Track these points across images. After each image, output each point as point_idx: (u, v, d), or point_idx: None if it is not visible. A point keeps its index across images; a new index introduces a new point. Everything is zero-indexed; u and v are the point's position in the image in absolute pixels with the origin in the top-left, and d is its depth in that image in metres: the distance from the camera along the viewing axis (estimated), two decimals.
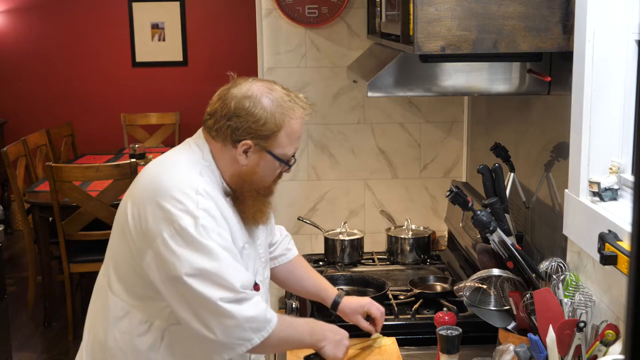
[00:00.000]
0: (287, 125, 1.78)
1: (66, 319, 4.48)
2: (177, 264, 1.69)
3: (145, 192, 1.75)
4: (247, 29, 6.19)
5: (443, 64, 2.12)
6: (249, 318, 1.72)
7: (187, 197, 1.70)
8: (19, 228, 6.13)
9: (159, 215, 1.70)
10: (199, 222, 1.68)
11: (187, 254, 1.68)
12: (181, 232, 1.68)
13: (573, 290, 1.86)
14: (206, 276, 1.69)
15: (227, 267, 1.70)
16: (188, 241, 1.68)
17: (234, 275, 1.70)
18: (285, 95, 1.80)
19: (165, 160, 1.84)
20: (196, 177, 1.76)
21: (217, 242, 1.70)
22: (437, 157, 3.32)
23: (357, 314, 2.14)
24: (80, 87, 6.65)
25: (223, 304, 1.69)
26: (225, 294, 1.69)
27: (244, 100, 1.76)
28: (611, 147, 1.86)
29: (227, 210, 1.79)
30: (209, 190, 1.75)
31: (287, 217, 3.30)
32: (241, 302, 1.71)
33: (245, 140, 1.76)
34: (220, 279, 1.69)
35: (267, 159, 1.80)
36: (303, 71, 3.23)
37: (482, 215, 1.97)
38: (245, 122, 1.75)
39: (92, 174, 4.25)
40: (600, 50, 1.82)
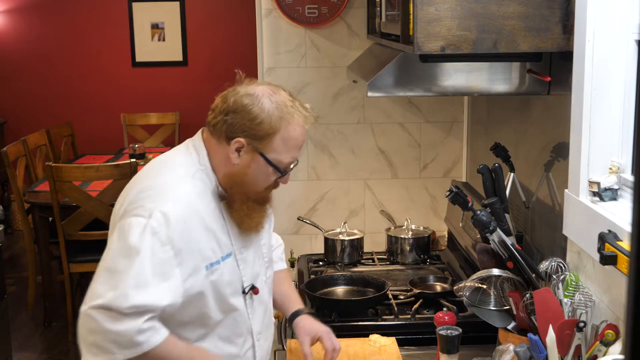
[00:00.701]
0: (284, 129, 1.73)
1: (66, 319, 4.48)
2: (108, 254, 1.67)
3: (132, 188, 1.76)
4: (247, 29, 6.19)
5: (443, 64, 2.12)
6: (113, 331, 1.62)
7: (158, 199, 1.67)
8: (19, 228, 6.13)
9: (128, 207, 1.70)
10: (149, 222, 1.64)
11: (118, 247, 1.65)
12: (127, 226, 1.66)
13: (573, 290, 1.86)
14: (114, 274, 1.63)
15: (135, 278, 1.61)
16: (125, 236, 1.64)
17: (133, 292, 1.61)
18: (289, 101, 1.76)
19: (161, 162, 1.83)
20: (183, 183, 1.72)
21: (153, 248, 1.63)
22: (437, 157, 3.32)
23: (306, 335, 1.98)
24: (80, 87, 6.64)
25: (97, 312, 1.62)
26: (111, 301, 1.60)
27: (245, 97, 1.73)
28: (611, 147, 1.86)
29: (213, 218, 1.75)
30: (187, 197, 1.70)
31: (287, 217, 3.30)
32: (118, 315, 1.61)
33: (238, 138, 1.72)
34: (120, 284, 1.61)
35: (259, 162, 1.75)
36: (303, 71, 3.23)
37: (482, 215, 1.97)
38: (242, 119, 1.72)
39: (92, 174, 4.25)
40: (600, 50, 1.82)
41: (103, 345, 1.64)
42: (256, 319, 1.89)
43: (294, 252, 3.17)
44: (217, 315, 1.78)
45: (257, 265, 1.90)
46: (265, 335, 1.94)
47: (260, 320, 1.91)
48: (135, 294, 1.62)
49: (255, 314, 1.88)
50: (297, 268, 2.94)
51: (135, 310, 1.62)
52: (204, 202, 1.74)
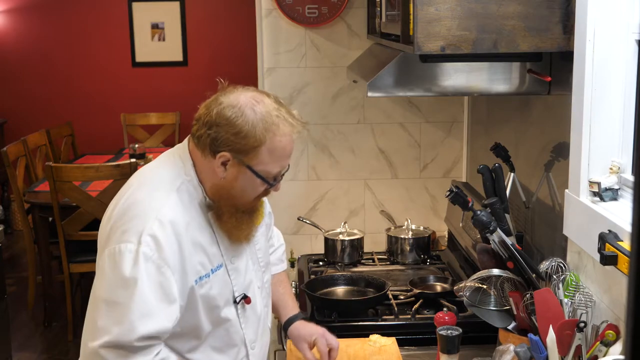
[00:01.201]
0: (270, 141, 1.66)
1: (66, 319, 4.48)
2: (101, 285, 1.64)
3: (117, 202, 1.72)
4: (247, 29, 6.19)
5: (443, 64, 2.12)
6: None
7: (144, 220, 1.63)
8: (19, 228, 6.13)
9: (115, 229, 1.66)
10: (140, 249, 1.60)
11: (113, 279, 1.62)
12: (118, 254, 1.62)
13: (573, 290, 1.86)
14: (116, 307, 1.60)
15: (139, 308, 1.59)
16: (119, 265, 1.61)
17: (140, 322, 1.59)
18: (274, 110, 1.68)
19: (145, 176, 1.78)
20: (167, 200, 1.67)
21: (149, 274, 1.61)
22: (437, 157, 3.32)
23: (302, 341, 1.99)
24: (80, 87, 6.64)
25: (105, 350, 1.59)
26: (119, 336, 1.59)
27: (227, 109, 1.65)
28: (611, 147, 1.86)
29: (200, 231, 1.71)
30: (176, 215, 1.66)
31: (287, 217, 3.30)
32: (128, 352, 1.60)
33: (223, 152, 1.66)
34: (126, 316, 1.59)
35: (246, 175, 1.69)
36: (303, 71, 3.23)
37: (482, 215, 1.96)
38: (225, 132, 1.65)
39: (92, 174, 4.25)
40: (600, 50, 1.82)
41: None
42: (249, 328, 1.86)
43: (294, 252, 3.17)
44: (207, 326, 1.76)
45: (251, 273, 1.86)
46: (260, 343, 1.91)
47: (254, 329, 1.88)
48: (142, 324, 1.60)
49: (249, 322, 1.85)
50: (297, 268, 2.94)
51: (145, 343, 1.61)
52: (191, 215, 1.70)
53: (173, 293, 1.64)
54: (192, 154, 1.75)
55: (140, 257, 1.60)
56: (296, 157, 3.28)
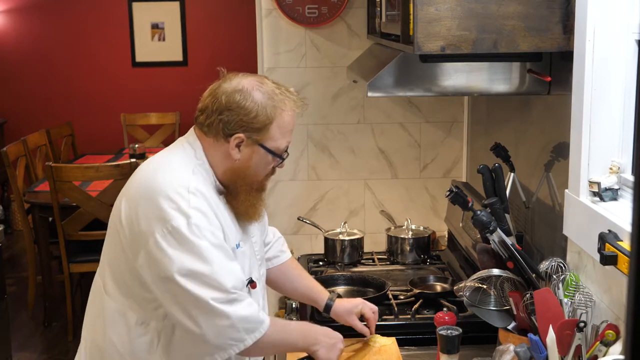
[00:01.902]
0: (279, 117, 1.78)
1: (66, 319, 4.48)
2: (169, 264, 1.68)
3: (139, 192, 1.75)
4: (247, 29, 6.19)
5: (443, 64, 2.12)
6: (243, 318, 1.71)
7: (179, 196, 1.70)
8: (19, 228, 6.13)
9: (152, 215, 1.70)
10: (192, 221, 1.68)
11: (179, 254, 1.68)
12: (173, 231, 1.68)
13: (573, 290, 1.86)
14: (198, 277, 1.68)
15: (219, 268, 1.70)
16: (180, 241, 1.68)
17: (225, 277, 1.70)
18: (276, 88, 1.80)
19: (159, 160, 1.84)
20: (188, 175, 1.75)
21: (210, 240, 1.70)
22: (437, 157, 3.32)
23: (350, 314, 2.13)
24: (80, 87, 6.64)
25: (216, 304, 1.68)
26: (217, 294, 1.69)
27: (235, 94, 1.76)
28: (611, 147, 1.86)
29: (219, 208, 1.79)
30: (202, 188, 1.74)
31: (287, 217, 3.30)
32: (233, 303, 1.71)
33: (237, 134, 1.76)
34: (211, 280, 1.68)
35: (260, 153, 1.79)
36: (303, 71, 3.23)
37: (482, 215, 1.96)
38: (237, 115, 1.75)
39: (92, 174, 4.25)
40: (600, 50, 1.82)
41: (236, 336, 1.72)
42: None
43: (294, 252, 3.16)
44: None
45: (253, 260, 1.93)
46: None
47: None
48: (228, 279, 1.70)
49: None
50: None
51: (236, 289, 1.71)
52: (211, 193, 1.78)
53: (230, 251, 1.76)
54: (200, 141, 1.82)
55: (194, 228, 1.68)
56: (296, 157, 3.29)
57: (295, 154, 3.29)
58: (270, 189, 3.29)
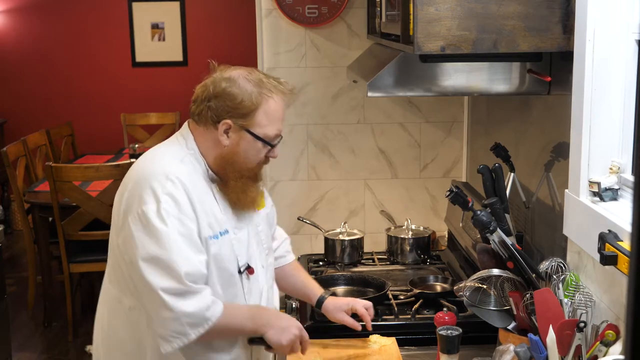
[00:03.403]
0: (264, 103, 1.83)
1: (66, 319, 4.47)
2: (134, 248, 1.76)
3: (128, 180, 1.86)
4: (247, 29, 6.19)
5: (443, 64, 2.12)
6: (187, 314, 1.75)
7: (157, 182, 1.78)
8: (19, 228, 6.13)
9: (131, 199, 1.80)
10: (161, 207, 1.75)
11: (143, 239, 1.75)
12: (142, 216, 1.76)
13: (573, 290, 1.86)
14: (156, 262, 1.74)
15: (177, 255, 1.74)
16: (145, 225, 1.75)
17: (181, 264, 1.74)
18: (264, 77, 1.87)
19: (151, 152, 1.93)
20: (173, 164, 1.82)
21: (175, 227, 1.75)
22: (437, 157, 3.32)
23: (340, 311, 2.15)
24: (80, 87, 6.64)
25: (164, 295, 1.73)
26: (171, 283, 1.74)
27: (222, 82, 1.84)
28: (611, 147, 1.86)
29: (206, 195, 1.84)
30: (182, 176, 1.80)
31: (287, 217, 3.30)
32: (182, 297, 1.75)
33: (224, 120, 1.83)
34: (166, 266, 1.74)
35: (247, 139, 1.84)
36: (303, 71, 3.23)
37: (482, 215, 1.96)
38: (224, 101, 1.82)
39: (92, 174, 4.25)
40: (600, 50, 1.82)
41: (179, 329, 1.76)
42: (252, 301, 1.95)
43: (294, 252, 3.16)
44: (218, 289, 1.86)
45: (253, 248, 1.96)
46: None
47: (256, 302, 1.97)
48: (184, 265, 1.74)
49: (252, 295, 1.95)
50: None
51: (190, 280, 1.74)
52: (195, 180, 1.84)
53: (198, 242, 1.80)
54: (192, 132, 1.90)
55: (163, 213, 1.75)
56: (296, 157, 3.29)
57: (295, 154, 3.29)
58: (270, 188, 3.29)
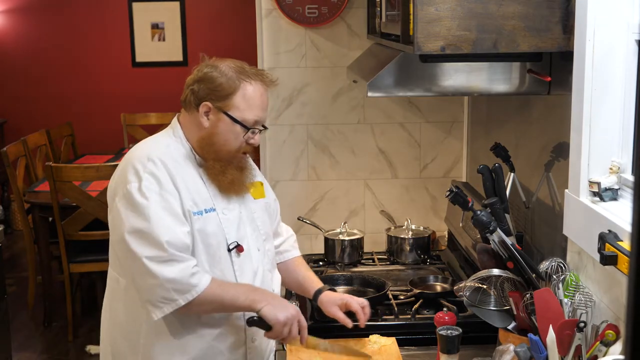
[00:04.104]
0: (242, 88, 1.92)
1: (66, 319, 4.47)
2: (121, 225, 1.88)
3: (118, 168, 1.99)
4: (247, 29, 6.19)
5: (443, 64, 2.12)
6: (170, 280, 1.84)
7: (140, 163, 1.90)
8: (19, 228, 6.13)
9: (118, 181, 1.94)
10: (142, 184, 1.87)
11: (128, 214, 1.87)
12: (127, 194, 1.88)
13: (573, 290, 1.86)
14: (140, 234, 1.85)
15: (157, 225, 1.84)
16: (130, 201, 1.87)
17: (162, 232, 1.84)
18: (248, 68, 1.97)
19: (140, 142, 2.05)
20: (157, 148, 1.95)
21: (156, 201, 1.86)
22: (437, 157, 3.32)
23: (334, 305, 2.15)
24: (80, 87, 6.64)
25: (148, 263, 1.83)
26: (153, 252, 1.84)
27: (207, 68, 1.95)
28: (611, 147, 1.86)
29: (190, 175, 1.95)
30: (164, 157, 1.92)
31: (287, 217, 3.29)
32: (166, 264, 1.84)
33: (204, 102, 1.93)
34: (149, 235, 1.84)
35: (225, 121, 1.93)
36: (303, 71, 3.23)
37: (482, 215, 1.96)
38: (205, 85, 1.93)
39: (92, 174, 4.25)
40: (600, 50, 1.82)
41: (167, 295, 1.85)
42: (245, 279, 2.00)
43: None
44: (205, 265, 1.93)
45: (246, 230, 2.02)
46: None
47: (250, 282, 2.01)
48: (166, 234, 1.84)
49: (244, 274, 2.00)
50: None
51: (173, 247, 1.83)
52: (179, 162, 1.95)
53: (180, 215, 1.89)
54: (180, 121, 2.03)
55: (144, 190, 1.87)
56: (296, 157, 3.29)
57: (295, 154, 3.29)
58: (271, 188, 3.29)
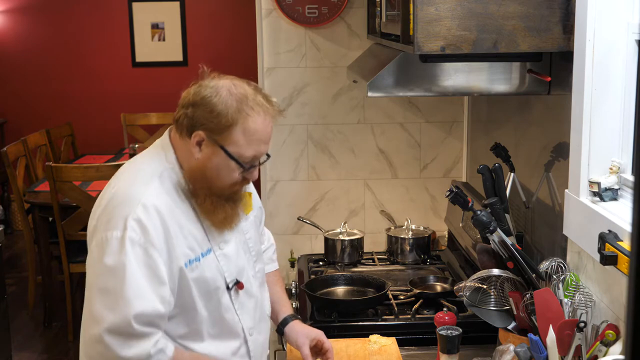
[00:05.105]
0: (243, 122, 1.69)
1: (66, 319, 4.47)
2: (92, 274, 1.69)
3: (105, 197, 1.76)
4: (247, 29, 6.19)
5: (443, 64, 2.12)
6: (122, 358, 1.63)
7: (129, 207, 1.67)
8: (19, 228, 6.13)
9: (101, 219, 1.71)
10: (126, 234, 1.64)
11: (102, 268, 1.65)
12: (105, 242, 1.66)
13: (573, 290, 1.86)
14: (108, 295, 1.64)
15: (131, 291, 1.63)
16: (107, 253, 1.65)
17: (134, 303, 1.63)
18: (251, 94, 1.73)
19: (131, 168, 1.82)
20: (150, 187, 1.71)
21: (136, 257, 1.64)
22: (437, 157, 3.32)
23: (305, 337, 1.99)
24: (80, 87, 6.64)
25: (106, 336, 1.62)
26: (116, 322, 1.62)
27: (205, 89, 1.73)
28: (611, 147, 1.86)
29: (186, 218, 1.74)
30: (159, 202, 1.69)
31: (287, 217, 3.30)
32: (127, 340, 1.63)
33: (198, 131, 1.70)
34: (118, 302, 1.63)
35: (220, 156, 1.71)
36: (303, 71, 3.23)
37: (482, 215, 1.96)
38: (202, 111, 1.70)
39: (92, 174, 4.25)
40: (600, 50, 1.82)
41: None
42: (246, 314, 1.86)
43: (294, 252, 3.17)
44: (203, 311, 1.77)
45: (242, 260, 1.87)
46: (258, 329, 1.91)
47: (251, 316, 1.88)
48: (136, 304, 1.63)
49: (245, 309, 1.86)
50: (297, 268, 2.94)
51: (143, 328, 1.63)
52: (174, 200, 1.74)
53: (162, 275, 1.67)
54: (173, 141, 1.79)
55: (127, 242, 1.64)
56: (296, 157, 3.29)
57: (295, 154, 3.29)
58: (270, 188, 3.29)
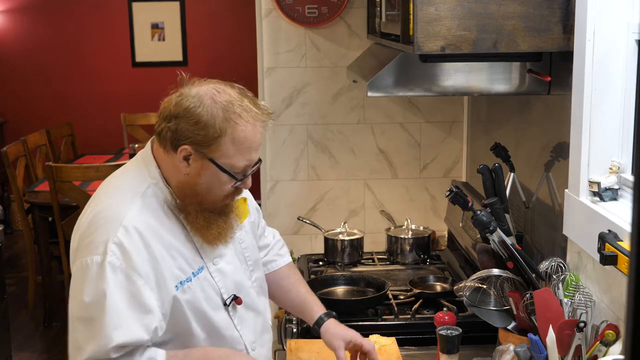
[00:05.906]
0: (232, 131, 1.57)
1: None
2: (73, 302, 1.60)
3: (86, 215, 1.66)
4: (247, 29, 6.19)
5: (443, 64, 2.12)
6: None
7: (110, 230, 1.57)
8: (19, 228, 6.13)
9: (82, 241, 1.61)
10: (107, 259, 1.54)
11: (82, 296, 1.56)
12: (86, 267, 1.57)
13: (573, 290, 1.86)
14: (88, 325, 1.56)
15: (112, 321, 1.53)
16: (87, 280, 1.56)
17: (115, 334, 1.53)
18: (237, 99, 1.61)
19: (110, 185, 1.72)
20: (133, 207, 1.61)
21: (117, 285, 1.54)
22: (437, 157, 3.33)
23: (340, 339, 1.87)
24: (80, 87, 6.64)
25: None
26: (94, 353, 1.54)
27: (186, 99, 1.59)
28: (611, 147, 1.86)
29: (174, 237, 1.64)
30: (141, 224, 1.59)
31: (287, 217, 3.30)
32: None
33: (184, 146, 1.58)
34: (98, 332, 1.54)
35: (210, 169, 1.60)
36: (303, 71, 3.23)
37: (482, 215, 1.96)
38: (185, 123, 1.58)
39: (92, 174, 4.25)
40: (600, 50, 1.82)
41: None
42: (247, 329, 1.79)
43: (294, 252, 3.16)
44: (200, 334, 1.68)
45: (239, 273, 1.78)
46: (260, 341, 1.84)
47: (252, 329, 1.81)
48: (117, 336, 1.54)
49: (245, 323, 1.78)
50: (297, 268, 2.94)
51: (123, 352, 1.55)
52: (159, 219, 1.63)
53: (146, 302, 1.57)
54: (155, 155, 1.68)
55: (107, 268, 1.54)
56: (296, 157, 3.29)
57: (295, 154, 3.29)
58: (270, 188, 3.29)
